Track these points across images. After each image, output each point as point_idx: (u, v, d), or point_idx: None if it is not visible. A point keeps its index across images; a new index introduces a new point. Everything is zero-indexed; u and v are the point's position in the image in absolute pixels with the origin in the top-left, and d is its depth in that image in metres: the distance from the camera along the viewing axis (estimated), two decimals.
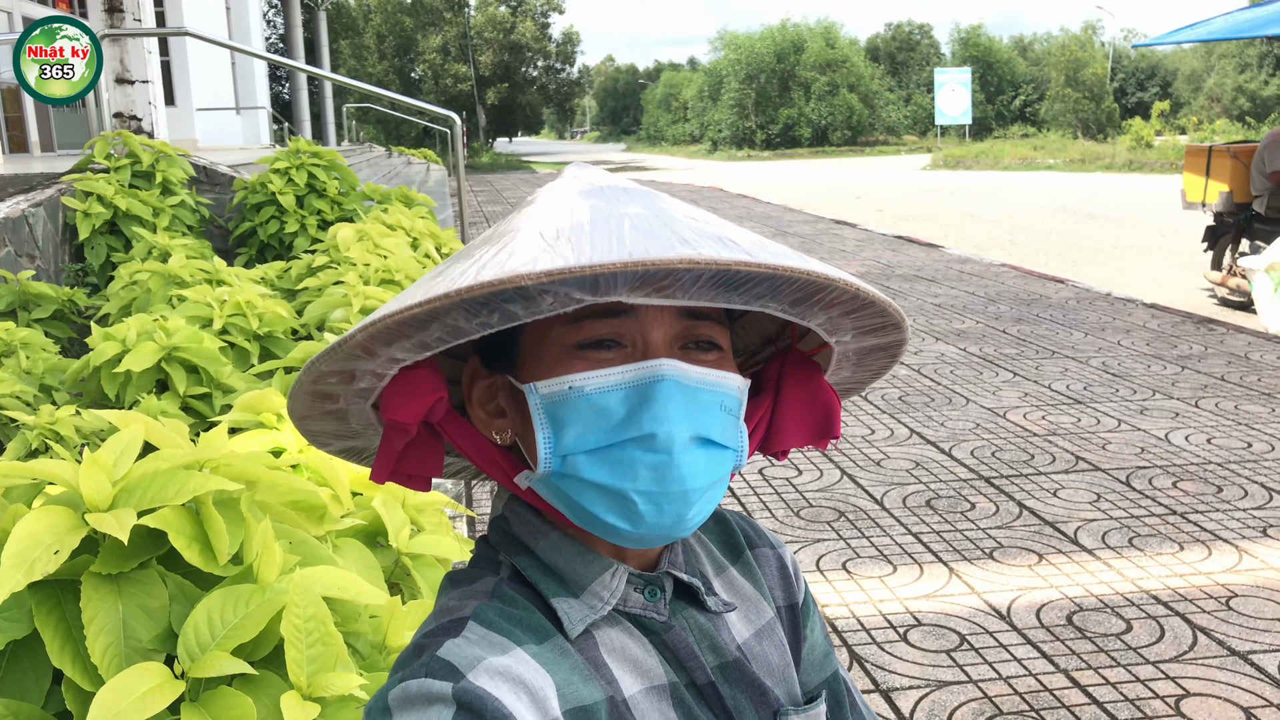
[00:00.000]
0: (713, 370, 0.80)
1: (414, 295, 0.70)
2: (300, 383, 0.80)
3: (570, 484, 0.78)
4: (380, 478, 0.85)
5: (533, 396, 0.79)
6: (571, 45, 62.19)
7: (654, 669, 0.84)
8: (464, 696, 0.71)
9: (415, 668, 0.75)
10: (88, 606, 1.50)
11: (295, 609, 1.53)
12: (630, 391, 0.76)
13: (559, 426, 0.78)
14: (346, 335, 0.73)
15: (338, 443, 0.92)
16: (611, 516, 0.77)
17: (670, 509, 0.77)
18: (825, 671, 0.99)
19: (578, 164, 0.87)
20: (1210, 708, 2.90)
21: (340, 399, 0.83)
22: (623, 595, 0.85)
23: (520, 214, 0.78)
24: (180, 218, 6.53)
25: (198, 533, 1.60)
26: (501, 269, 0.66)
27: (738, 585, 0.96)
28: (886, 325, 0.86)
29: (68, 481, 1.61)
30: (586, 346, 0.78)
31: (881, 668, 3.13)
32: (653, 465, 0.75)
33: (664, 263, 0.66)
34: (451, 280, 0.68)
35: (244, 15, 21.44)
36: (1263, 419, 5.61)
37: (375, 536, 2.28)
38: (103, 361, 3.54)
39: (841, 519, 4.26)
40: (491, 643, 0.77)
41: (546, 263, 0.66)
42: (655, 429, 0.75)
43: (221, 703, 1.45)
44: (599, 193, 0.78)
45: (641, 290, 0.73)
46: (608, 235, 0.69)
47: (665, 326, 0.79)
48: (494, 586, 0.84)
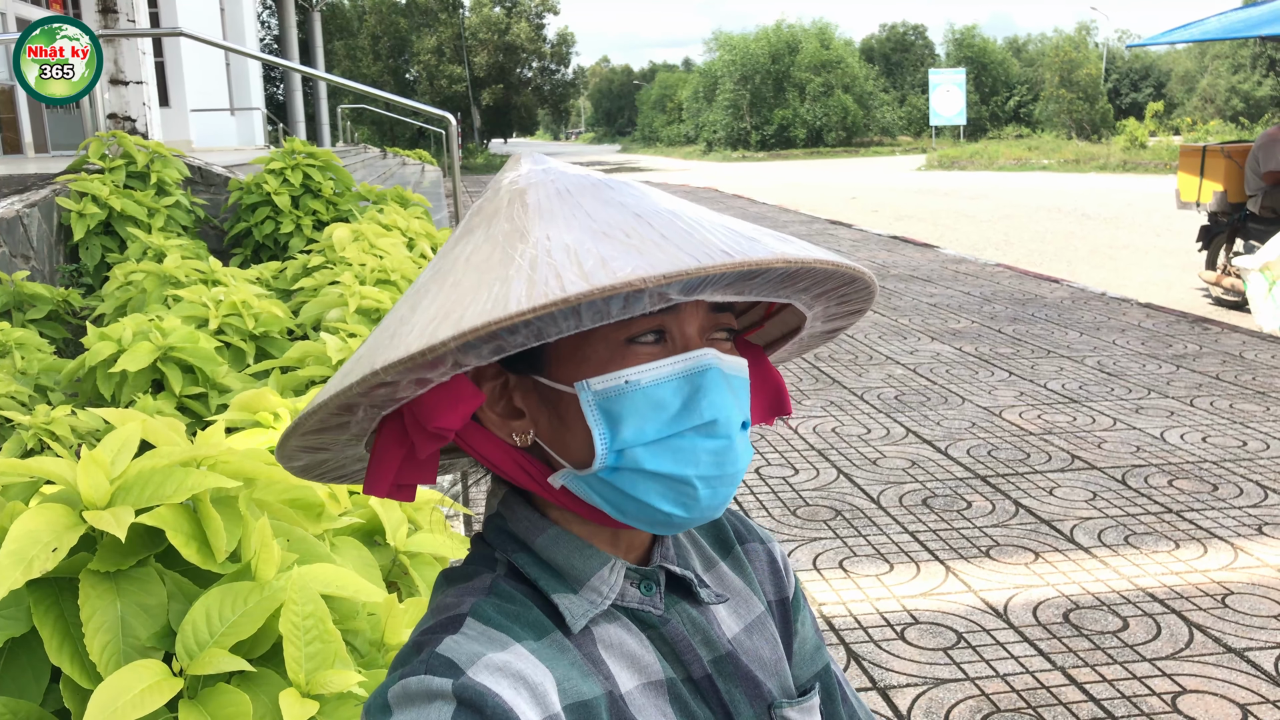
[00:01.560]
0: (737, 358, 0.83)
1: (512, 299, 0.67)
2: (348, 390, 0.74)
3: (625, 477, 0.79)
4: (379, 490, 0.83)
5: (585, 394, 0.78)
6: (566, 46, 62.17)
7: (651, 664, 0.84)
8: (464, 693, 0.71)
9: (414, 665, 0.74)
10: (86, 604, 1.49)
11: (293, 606, 1.53)
12: (682, 382, 0.78)
13: (615, 421, 0.78)
14: (430, 344, 0.68)
15: (305, 457, 0.88)
16: (667, 505, 0.79)
17: (723, 491, 0.80)
18: (817, 665, 0.99)
19: (528, 154, 0.85)
20: (1207, 705, 2.91)
21: (359, 410, 0.79)
22: (620, 590, 0.85)
23: (524, 207, 0.75)
24: (175, 218, 6.52)
25: (195, 530, 1.60)
26: (613, 273, 0.66)
27: (728, 580, 0.96)
28: (857, 311, 0.92)
29: (65, 479, 1.61)
30: (635, 341, 0.79)
31: (879, 666, 3.13)
32: (714, 450, 0.78)
33: (767, 263, 0.71)
34: (545, 284, 0.67)
35: (238, 16, 21.40)
36: (1258, 417, 5.62)
37: (373, 535, 2.27)
38: (98, 361, 3.54)
39: (838, 518, 4.27)
40: (490, 639, 0.77)
41: (660, 266, 0.67)
42: (716, 415, 0.78)
43: (219, 700, 1.45)
44: (605, 186, 0.78)
45: (727, 290, 0.76)
46: (681, 236, 0.71)
47: (699, 318, 0.81)
48: (491, 583, 0.84)
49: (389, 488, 0.83)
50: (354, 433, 0.84)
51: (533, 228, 0.73)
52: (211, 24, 19.33)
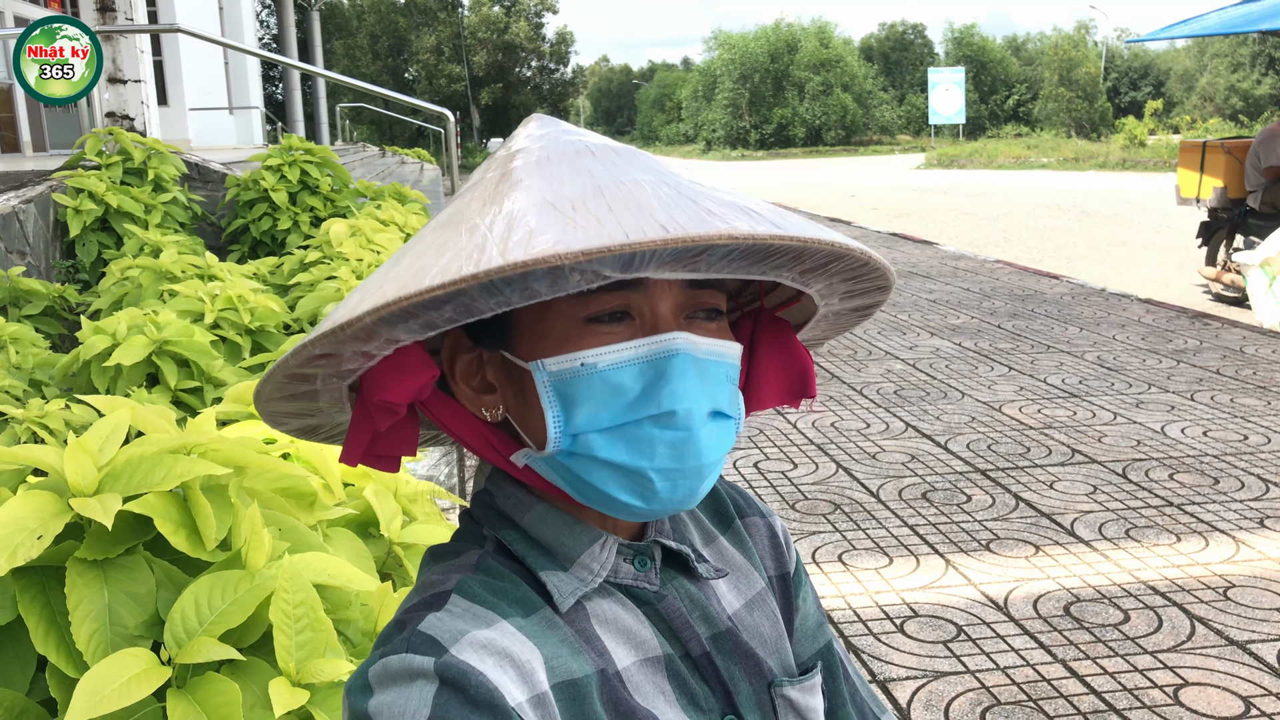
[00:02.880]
0: (718, 341, 0.78)
1: (427, 274, 0.64)
2: (284, 364, 0.74)
3: (580, 463, 0.75)
4: (352, 459, 0.82)
5: (539, 374, 0.75)
6: (565, 45, 62.17)
7: (648, 640, 0.82)
8: (447, 671, 0.69)
9: (396, 643, 0.72)
10: (73, 593, 1.47)
11: (284, 595, 1.50)
12: (645, 367, 0.74)
13: (570, 405, 0.75)
14: (350, 317, 0.67)
15: (295, 421, 0.87)
16: (624, 494, 0.75)
17: (685, 484, 0.75)
18: (819, 642, 0.97)
19: (539, 117, 0.83)
20: (1209, 697, 2.89)
21: (318, 380, 0.78)
22: (613, 566, 0.82)
23: (505, 176, 0.73)
24: (172, 215, 6.50)
25: (185, 518, 1.58)
26: (531, 248, 0.62)
27: (728, 555, 0.94)
28: (879, 288, 0.86)
29: (53, 467, 1.59)
30: (596, 320, 0.75)
31: (878, 659, 3.11)
32: (671, 443, 0.74)
33: (704, 239, 0.63)
34: (467, 257, 0.64)
35: (237, 15, 21.38)
36: (1259, 412, 5.60)
37: (367, 526, 2.26)
38: (92, 355, 3.52)
39: (837, 511, 4.24)
40: (476, 616, 0.75)
41: (580, 240, 0.62)
42: (675, 406, 0.73)
43: (208, 689, 1.43)
44: (588, 153, 0.75)
45: (671, 266, 0.69)
46: (632, 207, 0.66)
47: (672, 297, 0.77)
48: (478, 560, 0.81)
49: (362, 457, 0.81)
50: (327, 400, 0.82)
51: (503, 196, 0.70)
52: (210, 23, 19.31)
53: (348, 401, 0.83)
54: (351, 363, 0.74)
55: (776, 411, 5.68)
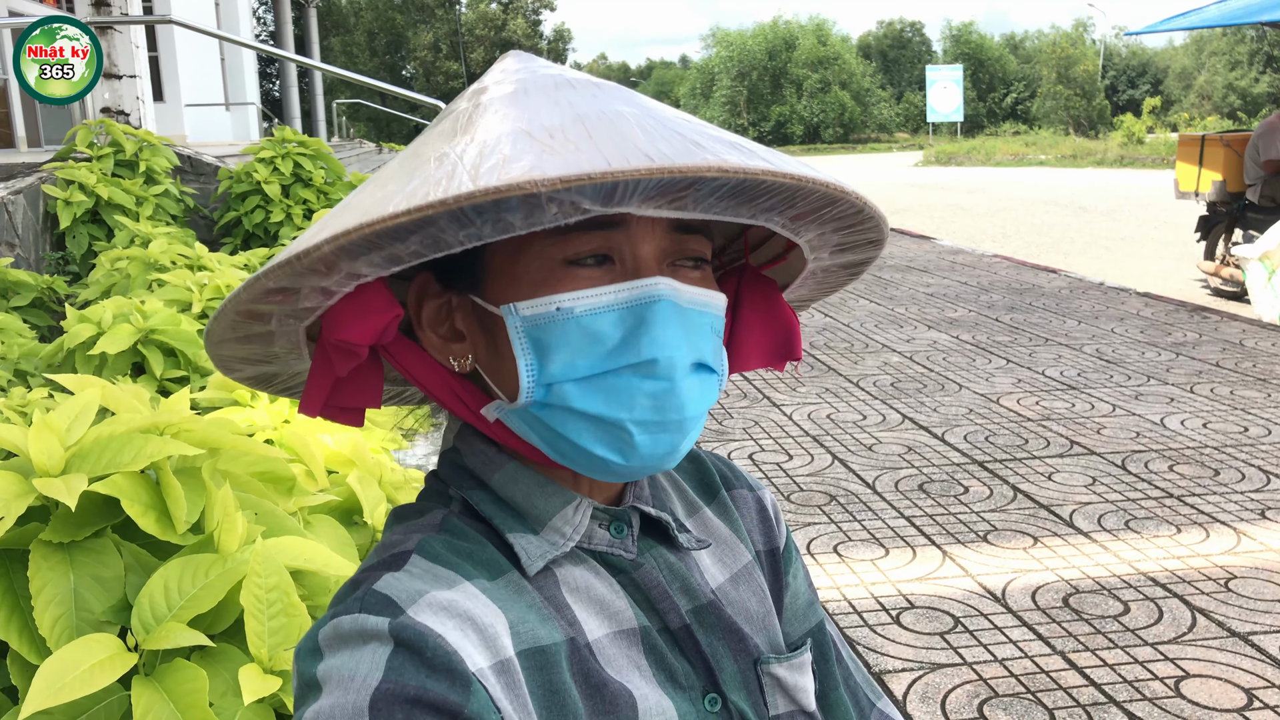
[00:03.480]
0: (703, 290, 0.73)
1: (391, 201, 0.59)
2: (236, 299, 0.69)
3: (555, 415, 0.71)
4: (312, 410, 0.76)
5: (512, 319, 0.70)
6: (563, 43, 62.13)
7: (622, 611, 0.77)
8: (402, 633, 0.63)
9: (349, 603, 0.67)
10: (36, 576, 1.42)
11: (256, 579, 1.46)
12: (625, 313, 0.69)
13: (544, 352, 0.70)
14: (306, 247, 0.62)
15: (249, 368, 0.81)
16: (601, 449, 0.70)
17: (666, 439, 0.71)
18: (810, 621, 0.91)
19: (515, 52, 0.78)
20: (1211, 689, 2.84)
21: (273, 319, 0.72)
22: (587, 531, 0.77)
23: (478, 107, 0.68)
24: (164, 207, 6.44)
25: (155, 500, 1.52)
26: (505, 174, 0.57)
27: (712, 527, 0.89)
28: (871, 242, 0.82)
29: (18, 446, 1.54)
30: (574, 263, 0.70)
31: (874, 650, 3.06)
32: (652, 393, 0.69)
33: (693, 170, 0.59)
34: (435, 183, 0.59)
35: (233, 11, 21.31)
36: (1259, 403, 5.55)
37: (350, 514, 2.21)
38: (77, 344, 3.46)
39: (833, 503, 4.19)
40: (436, 576, 0.69)
41: (557, 167, 0.57)
42: (656, 354, 0.68)
43: (175, 676, 1.38)
44: (567, 85, 0.70)
45: (656, 202, 0.64)
46: (614, 137, 0.61)
47: (656, 240, 0.72)
48: (442, 520, 0.76)
49: (322, 407, 0.76)
50: (283, 344, 0.76)
51: (475, 125, 0.65)
52: (206, 19, 19.25)
53: (305, 348, 0.77)
54: (309, 299, 0.69)
55: (772, 404, 5.63)
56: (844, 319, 8.03)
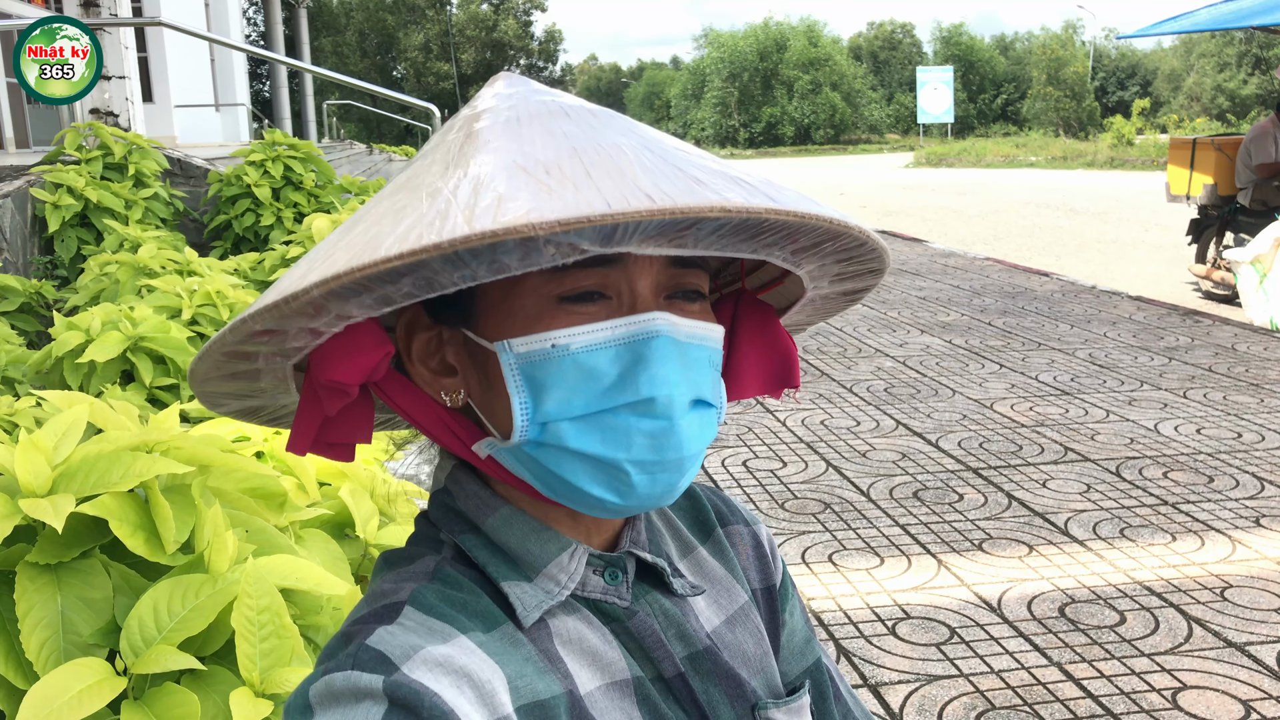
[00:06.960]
0: (701, 323, 0.71)
1: (383, 243, 0.57)
2: (221, 341, 0.66)
3: (550, 454, 0.68)
4: (300, 448, 0.74)
5: (506, 356, 0.68)
6: (554, 43, 62.09)
7: (615, 662, 0.74)
8: (397, 691, 0.61)
9: (341, 659, 0.64)
10: (23, 599, 1.39)
11: (247, 600, 1.43)
12: (622, 349, 0.67)
13: (539, 390, 0.67)
14: (295, 290, 0.59)
15: (235, 403, 0.79)
16: (597, 489, 0.68)
17: (664, 478, 0.69)
18: (807, 659, 0.89)
19: (507, 75, 0.75)
20: (1208, 700, 2.82)
21: (259, 358, 0.70)
22: (581, 578, 0.75)
23: (469, 137, 0.66)
24: (154, 210, 6.40)
25: (144, 520, 1.50)
26: (502, 216, 0.55)
27: (707, 567, 0.86)
28: (872, 271, 0.79)
29: (4, 465, 1.51)
30: (569, 299, 0.68)
31: (869, 662, 3.04)
32: (650, 432, 0.67)
33: (694, 211, 0.56)
34: (429, 224, 0.56)
35: (223, 12, 21.21)
36: (1252, 409, 5.55)
37: (343, 528, 2.18)
38: (65, 352, 3.43)
39: (827, 511, 4.18)
40: (431, 630, 0.67)
41: (556, 209, 0.55)
42: (654, 393, 0.66)
43: (166, 700, 1.35)
44: (562, 113, 0.67)
45: (656, 241, 0.62)
46: (613, 173, 0.59)
47: (653, 275, 0.70)
48: (435, 567, 0.74)
49: (311, 445, 0.74)
50: (270, 380, 0.74)
51: (468, 159, 0.63)
52: (196, 20, 19.18)
53: (293, 382, 0.75)
54: (297, 340, 0.67)
55: (765, 409, 5.61)
56: (836, 323, 8.01)
